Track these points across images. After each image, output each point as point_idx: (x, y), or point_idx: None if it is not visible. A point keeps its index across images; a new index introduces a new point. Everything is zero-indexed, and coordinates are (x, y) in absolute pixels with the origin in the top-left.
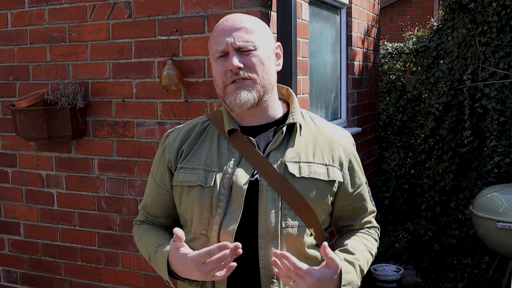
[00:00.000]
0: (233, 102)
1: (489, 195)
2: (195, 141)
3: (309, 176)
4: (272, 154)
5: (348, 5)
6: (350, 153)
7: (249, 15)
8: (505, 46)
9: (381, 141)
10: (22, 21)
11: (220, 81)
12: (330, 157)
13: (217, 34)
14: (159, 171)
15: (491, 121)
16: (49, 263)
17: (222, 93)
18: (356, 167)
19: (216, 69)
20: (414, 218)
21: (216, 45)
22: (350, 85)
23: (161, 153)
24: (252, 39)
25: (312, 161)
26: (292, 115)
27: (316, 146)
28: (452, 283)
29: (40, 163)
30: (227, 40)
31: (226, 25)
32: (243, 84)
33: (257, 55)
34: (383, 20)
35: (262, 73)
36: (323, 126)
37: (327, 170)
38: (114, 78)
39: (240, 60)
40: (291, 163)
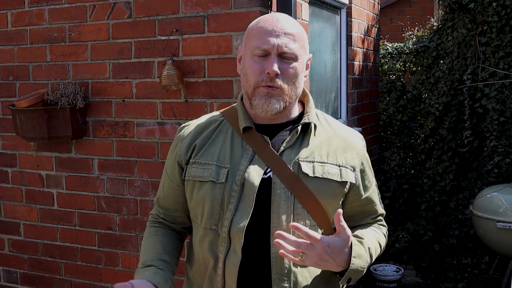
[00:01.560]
0: (260, 105)
1: (489, 195)
2: (209, 136)
3: (322, 176)
4: (286, 152)
5: (348, 5)
6: (363, 156)
7: (295, 20)
8: (505, 46)
9: (381, 141)
10: (22, 21)
11: (252, 79)
12: (343, 158)
13: (264, 31)
14: (170, 165)
15: (491, 121)
16: (49, 263)
17: (251, 91)
18: (367, 169)
19: (251, 65)
20: (414, 218)
21: (259, 41)
22: (350, 85)
23: (174, 147)
24: (297, 49)
25: (326, 161)
26: (308, 115)
27: (330, 147)
28: (452, 283)
29: (40, 163)
30: (274, 41)
31: (276, 26)
32: (274, 91)
33: (295, 67)
34: (383, 20)
35: (293, 86)
36: (337, 128)
37: (340, 171)
38: (114, 78)
39: (279, 66)
40: (304, 162)
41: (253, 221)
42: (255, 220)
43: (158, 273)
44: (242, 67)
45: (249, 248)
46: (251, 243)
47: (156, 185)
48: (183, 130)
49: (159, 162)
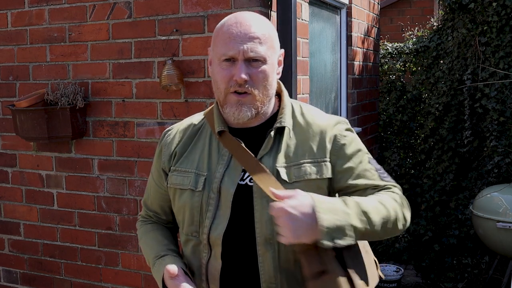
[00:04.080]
0: (232, 113)
1: (489, 195)
2: (189, 142)
3: (299, 179)
4: (265, 159)
5: (348, 5)
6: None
7: (261, 17)
8: (505, 46)
9: (381, 141)
10: (22, 21)
11: (222, 86)
12: (321, 150)
13: (228, 37)
14: (157, 171)
15: (491, 121)
16: (49, 263)
17: (222, 99)
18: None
19: (219, 72)
20: (414, 218)
21: (225, 48)
22: (350, 85)
23: (158, 154)
24: (264, 51)
25: (303, 161)
26: (281, 117)
27: (305, 143)
28: (452, 283)
29: (40, 163)
30: (239, 48)
31: (240, 30)
32: (245, 98)
33: (264, 70)
34: (383, 20)
35: (264, 89)
36: (311, 120)
37: (318, 167)
38: (114, 78)
39: (247, 71)
40: (282, 168)
41: (234, 227)
42: (236, 226)
43: (177, 258)
44: (212, 72)
45: (232, 254)
46: (233, 249)
47: None
48: (167, 136)
49: None
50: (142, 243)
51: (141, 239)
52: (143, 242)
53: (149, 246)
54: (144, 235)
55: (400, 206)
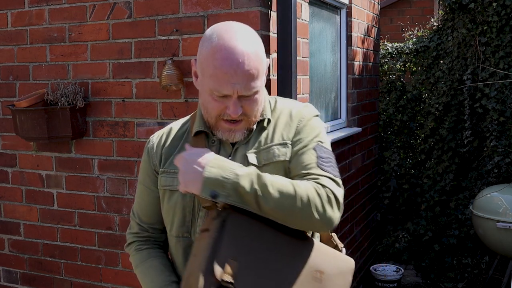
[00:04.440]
0: (224, 138)
1: (489, 195)
2: (176, 144)
3: (268, 161)
4: (240, 149)
5: (348, 5)
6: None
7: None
8: (505, 46)
9: (381, 141)
10: (22, 21)
11: (213, 114)
12: (288, 132)
13: (222, 76)
14: (148, 176)
15: (491, 121)
16: (49, 263)
17: (213, 123)
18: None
19: (210, 102)
20: (414, 218)
21: (217, 85)
22: (350, 85)
23: (147, 159)
24: (257, 85)
25: (272, 144)
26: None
27: (277, 129)
28: (452, 283)
29: (40, 163)
30: (234, 87)
31: (234, 69)
32: (237, 125)
33: (256, 99)
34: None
35: (256, 113)
36: (284, 106)
37: (287, 149)
38: (114, 78)
39: (241, 104)
40: (251, 154)
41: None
42: None
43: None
44: (200, 91)
45: None
46: None
47: None
48: (151, 142)
49: None
50: (139, 272)
51: (138, 268)
52: (140, 271)
53: (149, 277)
54: (141, 264)
55: (318, 196)
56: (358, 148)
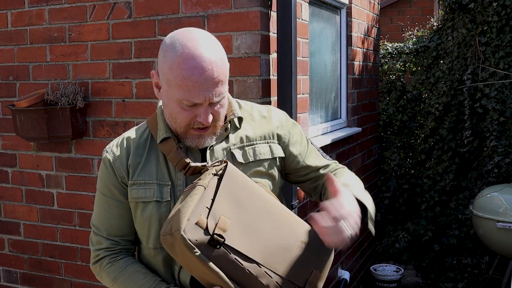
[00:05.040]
0: (194, 145)
1: (489, 195)
2: (140, 153)
3: (255, 159)
4: (216, 147)
5: (348, 5)
6: (285, 126)
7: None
8: (505, 46)
9: (381, 141)
10: (22, 21)
11: (182, 123)
12: (269, 134)
13: (192, 84)
14: (116, 188)
15: (491, 121)
16: (49, 263)
17: (182, 132)
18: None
19: (179, 112)
20: (414, 218)
21: (187, 94)
22: (350, 85)
23: (111, 171)
24: (225, 90)
25: (255, 143)
26: (232, 111)
27: (255, 129)
28: (452, 283)
29: (40, 163)
30: (206, 95)
31: (204, 78)
32: (206, 131)
33: (224, 104)
34: (383, 20)
35: (223, 116)
36: (256, 109)
37: (270, 147)
38: (114, 78)
39: (210, 111)
40: (236, 149)
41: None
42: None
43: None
44: (165, 103)
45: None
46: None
47: None
48: (113, 152)
49: None
50: (121, 282)
51: (117, 279)
52: (121, 281)
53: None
54: (122, 274)
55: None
56: (358, 148)
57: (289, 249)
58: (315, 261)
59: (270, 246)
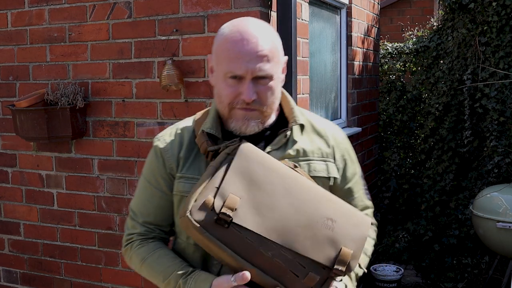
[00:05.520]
0: (238, 128)
1: (489, 195)
2: (191, 147)
3: (308, 174)
4: (272, 154)
5: (348, 5)
6: (343, 148)
7: (265, 28)
8: (505, 46)
9: (381, 141)
10: (22, 21)
11: (226, 101)
12: (326, 152)
13: (235, 55)
14: (163, 179)
15: (491, 121)
16: (49, 263)
17: (227, 113)
18: (349, 161)
19: (225, 88)
20: (414, 218)
21: (231, 65)
22: (350, 85)
23: (161, 160)
24: (271, 69)
25: (312, 158)
26: (294, 117)
27: (313, 143)
28: (452, 283)
29: (40, 163)
30: (248, 67)
31: (247, 49)
32: (252, 113)
33: (271, 86)
34: (383, 20)
35: (271, 103)
36: (316, 122)
37: (327, 166)
38: (114, 78)
39: (255, 89)
40: (290, 162)
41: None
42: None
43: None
44: (215, 83)
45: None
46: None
47: None
48: (165, 142)
49: None
50: (148, 263)
51: (145, 260)
52: (149, 262)
53: (162, 264)
54: (150, 255)
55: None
56: (358, 148)
57: (312, 227)
58: (345, 239)
59: (288, 225)
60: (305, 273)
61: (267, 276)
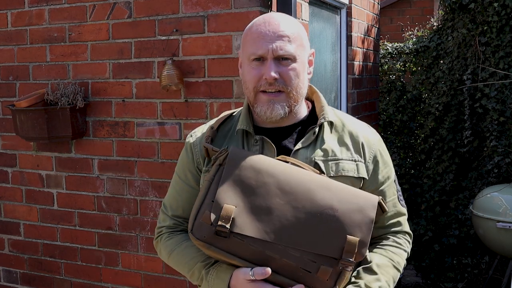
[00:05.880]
0: (263, 112)
1: (489, 195)
2: (221, 142)
3: (337, 174)
4: (301, 152)
5: (348, 5)
6: (376, 149)
7: (289, 17)
8: (505, 46)
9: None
10: (22, 21)
11: (251, 86)
12: (357, 153)
13: (257, 36)
14: (191, 173)
15: (491, 121)
16: (49, 263)
17: (253, 99)
18: (381, 163)
19: (249, 72)
20: (414, 218)
21: (254, 47)
22: (350, 85)
23: (188, 154)
24: (293, 50)
25: (341, 158)
26: (323, 114)
27: (343, 142)
28: (452, 283)
29: (40, 163)
30: (268, 46)
31: (268, 29)
32: (276, 97)
33: (295, 68)
34: (383, 20)
35: (297, 86)
36: (348, 122)
37: (356, 166)
38: (114, 78)
39: (277, 69)
40: (320, 161)
41: None
42: None
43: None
44: (242, 74)
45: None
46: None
47: (157, 185)
48: (195, 136)
49: (159, 162)
50: (176, 255)
51: (173, 251)
52: (177, 253)
53: (188, 255)
54: (178, 246)
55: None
56: None
57: (312, 221)
58: (350, 226)
59: (288, 224)
60: (316, 268)
61: (281, 276)
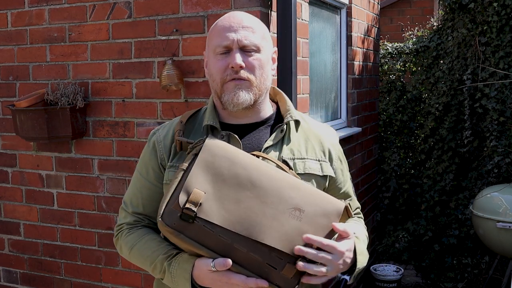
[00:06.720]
0: (230, 100)
1: (489, 195)
2: (188, 138)
3: (304, 172)
4: (269, 150)
5: (348, 5)
6: (338, 150)
7: (252, 16)
8: (505, 46)
9: (381, 141)
10: (22, 21)
11: (218, 77)
12: (321, 153)
13: (221, 29)
14: (153, 170)
15: (491, 121)
16: (49, 263)
17: (219, 89)
18: (344, 164)
19: (215, 64)
20: (414, 218)
21: (219, 39)
22: (350, 85)
23: (151, 150)
24: (257, 40)
25: (306, 157)
26: (289, 113)
27: (308, 143)
28: (452, 283)
29: (40, 163)
30: (233, 36)
31: (232, 22)
32: (242, 84)
33: (259, 58)
34: (383, 20)
35: (261, 77)
36: (311, 123)
37: (320, 165)
38: (114, 78)
39: (243, 59)
40: (288, 159)
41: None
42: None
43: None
44: (207, 70)
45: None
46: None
47: None
48: (158, 133)
49: None
50: (137, 249)
51: (134, 246)
52: (137, 247)
53: (150, 248)
54: (139, 241)
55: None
56: (358, 148)
57: (278, 218)
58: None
59: (254, 217)
60: (282, 265)
61: (246, 270)
